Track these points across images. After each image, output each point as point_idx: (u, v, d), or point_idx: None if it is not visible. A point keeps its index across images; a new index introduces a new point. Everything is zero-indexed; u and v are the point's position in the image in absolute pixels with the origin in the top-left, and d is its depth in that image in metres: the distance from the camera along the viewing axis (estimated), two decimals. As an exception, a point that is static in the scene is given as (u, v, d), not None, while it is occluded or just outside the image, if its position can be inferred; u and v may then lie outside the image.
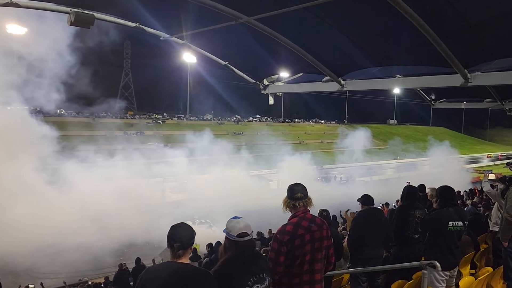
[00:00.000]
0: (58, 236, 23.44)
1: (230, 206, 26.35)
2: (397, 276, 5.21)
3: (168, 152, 42.87)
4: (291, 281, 3.31)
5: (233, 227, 2.96)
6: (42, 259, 21.96)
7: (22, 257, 21.55)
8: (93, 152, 36.93)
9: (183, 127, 64.15)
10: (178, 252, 2.72)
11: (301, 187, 3.48)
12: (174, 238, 2.74)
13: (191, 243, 2.78)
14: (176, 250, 2.72)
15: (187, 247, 2.75)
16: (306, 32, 7.00)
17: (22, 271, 21.10)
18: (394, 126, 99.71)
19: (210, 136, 49.85)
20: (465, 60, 5.93)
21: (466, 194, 15.82)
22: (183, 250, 2.73)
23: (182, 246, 2.73)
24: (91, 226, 25.23)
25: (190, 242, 2.77)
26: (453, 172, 42.21)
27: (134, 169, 35.07)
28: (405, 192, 5.69)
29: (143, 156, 38.93)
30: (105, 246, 23.20)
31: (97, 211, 26.78)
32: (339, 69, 7.73)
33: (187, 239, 2.76)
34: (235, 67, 9.13)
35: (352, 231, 5.58)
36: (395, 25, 5.99)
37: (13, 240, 22.22)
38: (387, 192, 24.65)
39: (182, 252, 2.73)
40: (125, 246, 23.43)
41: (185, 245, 2.74)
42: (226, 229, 3.00)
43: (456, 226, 4.66)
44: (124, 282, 13.69)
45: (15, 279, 18.60)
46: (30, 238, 22.75)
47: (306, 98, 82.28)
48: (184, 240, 2.74)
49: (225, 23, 6.60)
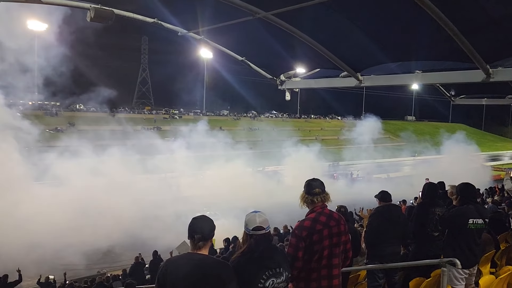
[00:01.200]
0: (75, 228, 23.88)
1: (244, 201, 26.39)
2: (415, 274, 5.16)
3: (183, 147, 43.12)
4: (309, 276, 3.31)
5: (250, 221, 3.01)
6: (62, 251, 22.40)
7: (43, 248, 22.03)
8: (109, 147, 37.40)
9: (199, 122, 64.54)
10: (198, 243, 2.78)
11: (319, 182, 3.48)
12: (195, 230, 2.79)
13: (212, 235, 2.84)
14: (197, 242, 2.78)
15: (208, 238, 2.81)
16: (324, 27, 6.95)
17: (42, 262, 21.57)
18: (412, 122, 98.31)
19: (225, 132, 49.93)
20: (487, 55, 5.82)
21: (486, 192, 15.55)
22: (204, 241, 2.79)
23: (203, 238, 2.78)
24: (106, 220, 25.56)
25: (211, 234, 2.83)
26: (473, 170, 41.42)
27: (150, 164, 35.44)
28: (426, 189, 5.61)
29: (159, 151, 39.25)
30: (122, 240, 23.46)
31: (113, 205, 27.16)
32: (357, 65, 7.66)
33: (208, 231, 2.82)
34: (251, 63, 9.13)
35: (369, 227, 5.54)
36: (414, 20, 5.90)
37: (39, 228, 22.80)
38: (404, 189, 24.38)
39: (203, 243, 2.78)
40: (142, 239, 23.65)
41: (206, 236, 2.80)
42: (245, 223, 3.04)
43: (476, 224, 4.58)
44: (139, 274, 13.91)
45: (37, 270, 19.02)
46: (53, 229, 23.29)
47: (322, 94, 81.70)
48: (205, 232, 2.80)
49: (242, 19, 6.60)
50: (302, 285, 3.35)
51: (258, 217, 3.02)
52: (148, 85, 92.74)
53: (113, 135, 39.28)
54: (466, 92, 10.82)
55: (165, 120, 64.57)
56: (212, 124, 63.16)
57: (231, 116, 74.29)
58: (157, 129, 55.36)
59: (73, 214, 25.08)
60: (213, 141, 46.40)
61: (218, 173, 36.42)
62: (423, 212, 5.44)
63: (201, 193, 32.06)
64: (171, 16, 7.88)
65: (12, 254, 19.92)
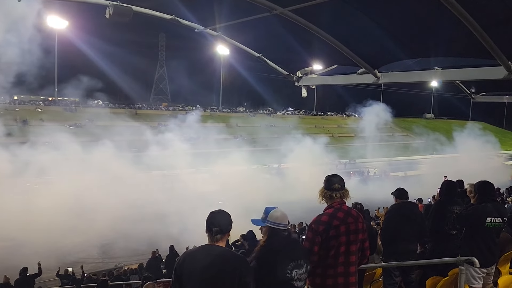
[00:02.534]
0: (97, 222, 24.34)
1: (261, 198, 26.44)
2: (432, 272, 5.12)
3: (198, 144, 43.42)
4: (326, 272, 3.32)
5: (272, 215, 3.14)
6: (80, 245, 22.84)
7: (61, 242, 22.50)
8: (126, 142, 37.89)
9: (216, 118, 64.80)
10: (216, 236, 2.85)
11: (339, 178, 3.49)
12: (213, 223, 2.87)
13: (229, 229, 2.90)
14: (215, 234, 2.85)
15: (226, 232, 2.88)
16: (342, 23, 6.90)
17: (61, 255, 22.00)
18: (431, 120, 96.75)
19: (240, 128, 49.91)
20: (509, 52, 5.68)
21: (506, 191, 15.23)
22: (221, 234, 2.86)
23: (220, 231, 2.85)
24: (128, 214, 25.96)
25: (228, 227, 2.89)
26: (493, 169, 40.58)
27: (168, 160, 35.80)
28: (444, 187, 5.54)
29: (176, 147, 39.55)
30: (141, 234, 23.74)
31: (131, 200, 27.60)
32: (375, 61, 7.57)
33: (226, 224, 2.88)
34: (268, 59, 9.12)
35: (385, 224, 5.50)
36: (433, 15, 5.81)
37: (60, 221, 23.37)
38: (421, 187, 24.05)
39: (220, 236, 2.85)
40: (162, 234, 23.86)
41: (224, 230, 2.87)
42: (266, 217, 3.16)
43: (494, 223, 4.51)
44: (155, 268, 14.10)
45: (56, 263, 19.42)
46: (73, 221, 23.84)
47: (339, 91, 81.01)
48: (222, 225, 2.87)
49: (259, 15, 6.59)
50: (318, 281, 3.36)
51: (278, 211, 3.17)
52: (165, 82, 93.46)
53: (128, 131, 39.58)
54: (487, 89, 10.59)
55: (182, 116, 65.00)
56: (228, 120, 63.55)
57: (247, 113, 74.30)
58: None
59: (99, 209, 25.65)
60: (228, 138, 46.58)
61: (234, 170, 36.60)
62: (441, 210, 5.38)
63: (216, 188, 32.14)
64: (188, 13, 7.93)
65: (32, 247, 20.48)
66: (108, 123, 45.69)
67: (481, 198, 4.65)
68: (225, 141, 47.92)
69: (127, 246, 22.50)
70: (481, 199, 4.64)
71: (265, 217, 3.18)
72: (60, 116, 47.27)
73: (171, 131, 41.94)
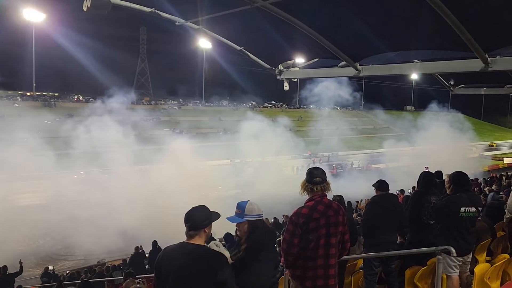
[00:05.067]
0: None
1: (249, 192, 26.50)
2: (411, 262, 5.21)
3: (180, 138, 42.94)
4: (306, 264, 3.35)
5: (249, 209, 3.24)
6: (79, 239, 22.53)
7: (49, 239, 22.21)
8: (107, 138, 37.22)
9: (198, 113, 64.41)
10: (189, 232, 2.80)
11: (320, 171, 3.51)
12: (187, 218, 2.82)
13: (204, 225, 2.82)
14: (188, 230, 2.80)
15: (198, 228, 2.80)
16: (322, 16, 6.90)
17: (42, 253, 21.67)
18: (411, 112, 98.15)
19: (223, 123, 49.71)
20: (486, 44, 5.78)
21: (484, 181, 15.61)
22: (194, 231, 2.79)
23: (192, 227, 2.79)
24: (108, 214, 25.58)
25: (202, 223, 2.81)
26: (471, 159, 41.43)
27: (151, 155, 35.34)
28: (421, 178, 5.64)
29: (158, 142, 39.12)
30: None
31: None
32: (356, 54, 7.61)
33: (199, 220, 2.81)
34: (250, 52, 9.08)
35: (365, 215, 5.58)
36: (413, 8, 5.87)
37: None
38: (403, 179, 24.43)
39: (194, 232, 2.79)
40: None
41: (196, 226, 2.79)
42: (243, 212, 3.24)
43: (468, 212, 4.61)
44: (138, 263, 14.01)
45: (36, 260, 19.14)
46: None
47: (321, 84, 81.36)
48: (195, 220, 2.80)
49: (240, 8, 6.55)
50: (298, 272, 3.38)
51: (254, 204, 3.31)
52: (147, 76, 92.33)
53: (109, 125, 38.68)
54: (465, 82, 10.79)
55: (164, 111, 64.44)
56: (211, 114, 63.11)
57: (230, 107, 74.10)
58: (156, 120, 55.26)
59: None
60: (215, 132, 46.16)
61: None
62: (418, 201, 5.47)
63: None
64: (169, 5, 7.81)
65: (13, 244, 20.08)
66: (88, 118, 44.78)
67: (456, 188, 4.74)
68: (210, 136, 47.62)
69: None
70: (456, 190, 4.73)
71: (241, 212, 3.19)
72: (40, 112, 46.22)
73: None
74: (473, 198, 4.76)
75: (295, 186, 3.72)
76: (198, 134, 49.47)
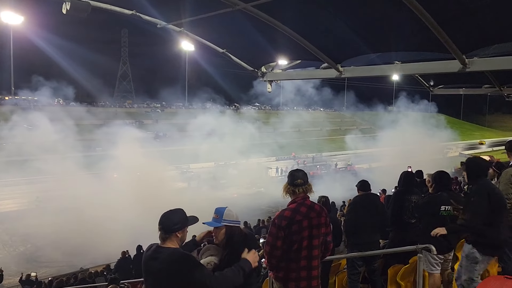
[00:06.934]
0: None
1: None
2: (393, 261, 5.28)
3: (166, 141, 42.69)
4: (289, 266, 3.36)
5: (227, 214, 3.22)
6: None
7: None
8: (89, 142, 36.74)
9: (182, 115, 63.97)
10: (161, 236, 2.81)
11: (302, 173, 3.52)
12: (160, 221, 2.82)
13: (175, 229, 2.81)
14: (160, 234, 2.82)
15: (169, 232, 2.80)
16: (304, 18, 6.94)
17: (23, 260, 21.22)
18: (393, 113, 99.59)
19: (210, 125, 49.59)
20: (463, 45, 5.90)
21: (463, 180, 15.86)
22: (165, 234, 2.80)
23: (163, 230, 2.80)
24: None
25: (173, 227, 2.80)
26: (450, 158, 42.15)
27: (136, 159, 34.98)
28: (402, 178, 5.73)
29: (141, 145, 38.71)
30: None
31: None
32: (337, 56, 7.67)
33: (170, 224, 2.80)
34: (233, 55, 9.06)
35: (348, 216, 5.63)
36: (392, 10, 5.95)
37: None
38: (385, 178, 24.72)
39: (165, 236, 2.80)
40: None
41: (166, 229, 2.79)
42: (221, 217, 3.19)
43: (448, 211, 4.70)
44: (125, 269, 13.86)
45: (16, 268, 18.71)
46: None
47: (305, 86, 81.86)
48: (165, 224, 2.80)
49: (222, 10, 6.53)
50: (281, 274, 3.40)
51: (232, 210, 3.28)
52: (129, 78, 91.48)
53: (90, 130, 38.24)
54: (444, 82, 10.97)
55: (147, 113, 63.90)
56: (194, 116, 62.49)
57: (212, 108, 73.78)
58: (138, 123, 54.76)
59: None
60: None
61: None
62: (399, 200, 5.55)
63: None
64: (150, 8, 7.73)
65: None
66: (69, 122, 44.05)
67: (437, 187, 4.84)
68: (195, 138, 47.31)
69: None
70: (437, 189, 4.82)
71: (219, 218, 3.19)
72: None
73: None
74: (454, 197, 4.85)
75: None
76: (182, 136, 49.11)
